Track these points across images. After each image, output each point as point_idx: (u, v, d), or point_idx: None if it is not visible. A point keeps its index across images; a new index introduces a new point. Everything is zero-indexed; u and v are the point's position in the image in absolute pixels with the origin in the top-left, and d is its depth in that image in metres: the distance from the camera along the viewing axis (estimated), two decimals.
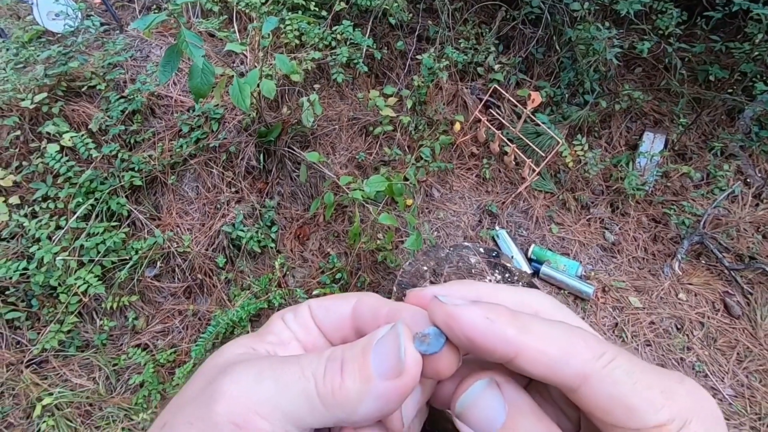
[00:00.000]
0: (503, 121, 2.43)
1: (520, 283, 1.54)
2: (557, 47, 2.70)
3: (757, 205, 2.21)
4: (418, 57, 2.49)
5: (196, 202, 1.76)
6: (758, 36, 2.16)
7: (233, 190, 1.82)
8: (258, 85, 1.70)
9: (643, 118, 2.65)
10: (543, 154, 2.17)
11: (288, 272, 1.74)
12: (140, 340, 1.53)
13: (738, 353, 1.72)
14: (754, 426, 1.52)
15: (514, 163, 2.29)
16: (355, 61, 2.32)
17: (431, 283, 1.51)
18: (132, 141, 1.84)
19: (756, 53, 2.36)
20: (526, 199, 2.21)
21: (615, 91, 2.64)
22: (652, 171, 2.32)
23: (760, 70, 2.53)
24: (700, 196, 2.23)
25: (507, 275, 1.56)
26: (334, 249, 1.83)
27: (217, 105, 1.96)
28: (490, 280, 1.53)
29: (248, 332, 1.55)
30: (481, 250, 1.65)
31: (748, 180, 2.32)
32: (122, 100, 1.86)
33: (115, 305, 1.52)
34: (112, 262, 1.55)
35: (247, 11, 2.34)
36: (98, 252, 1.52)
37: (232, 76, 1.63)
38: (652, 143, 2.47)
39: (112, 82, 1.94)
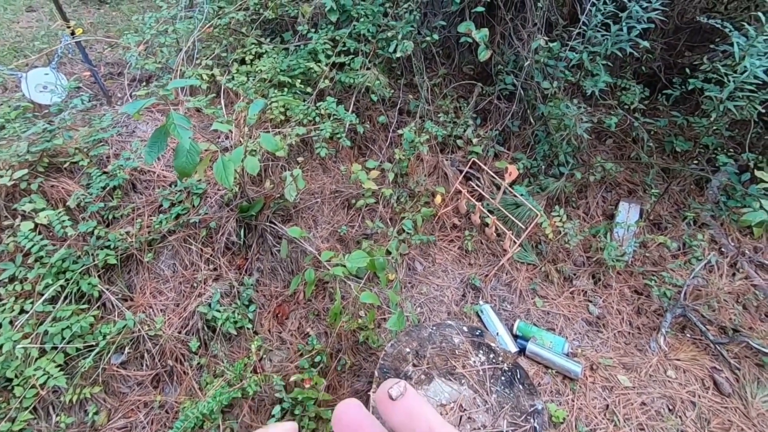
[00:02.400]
0: (483, 192, 2.62)
1: (505, 365, 1.59)
2: (531, 121, 3.02)
3: (734, 274, 2.38)
4: (400, 131, 2.74)
5: (171, 280, 1.81)
6: (713, 113, 2.48)
7: (211, 267, 1.88)
8: (242, 162, 1.85)
9: (618, 188, 2.90)
10: (523, 226, 2.34)
11: (265, 355, 1.76)
12: None
13: None
14: None
15: (495, 234, 2.44)
16: (339, 135, 2.53)
17: (414, 366, 1.55)
18: (110, 217, 1.92)
19: (714, 128, 2.68)
20: (508, 272, 2.33)
21: (588, 163, 2.91)
22: (630, 241, 2.49)
23: (721, 142, 2.86)
24: (678, 267, 2.39)
25: (492, 356, 1.62)
26: (314, 329, 1.87)
27: (200, 180, 2.09)
28: (474, 362, 1.58)
29: (219, 426, 1.52)
30: (465, 329, 1.72)
31: (723, 249, 2.51)
32: (104, 176, 1.97)
33: (75, 398, 1.49)
34: (77, 349, 1.55)
35: (234, 89, 2.58)
36: (63, 338, 1.52)
37: (217, 152, 1.78)
38: (627, 213, 2.68)
39: (95, 158, 2.07)
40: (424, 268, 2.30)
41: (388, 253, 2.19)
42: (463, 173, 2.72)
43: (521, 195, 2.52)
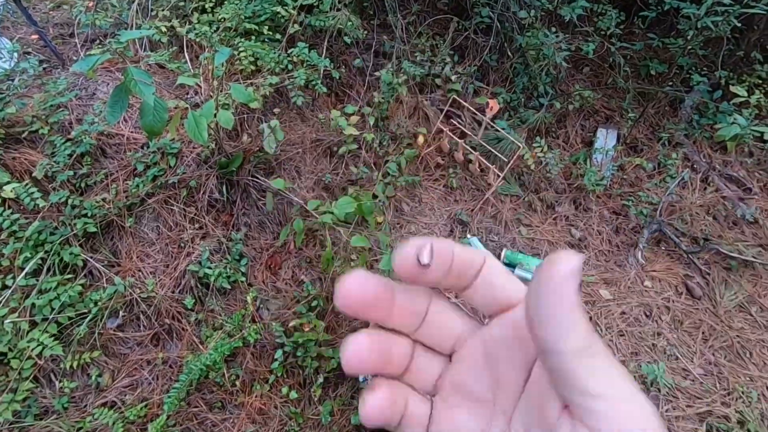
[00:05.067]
0: (465, 130, 2.45)
1: None
2: (509, 54, 2.77)
3: (705, 188, 2.32)
4: (377, 73, 2.49)
5: (157, 242, 1.66)
6: (689, 32, 2.29)
7: (197, 226, 1.73)
8: (215, 116, 1.64)
9: (595, 115, 2.75)
10: (505, 159, 2.20)
11: (261, 305, 1.67)
12: (106, 398, 1.41)
13: (703, 333, 1.78)
14: (724, 401, 1.57)
15: (479, 170, 2.31)
16: (314, 82, 2.28)
17: None
18: (83, 185, 1.72)
19: (689, 47, 2.50)
20: (494, 204, 2.23)
21: (567, 92, 2.73)
22: (608, 166, 2.39)
23: (695, 62, 2.68)
24: (654, 186, 2.32)
25: None
26: (308, 276, 1.77)
27: (173, 139, 1.87)
28: None
29: (224, 374, 1.46)
30: None
31: (695, 166, 2.44)
32: (69, 144, 1.74)
33: (75, 364, 1.40)
34: (69, 318, 1.43)
35: (197, 40, 2.27)
36: (52, 309, 1.40)
37: (187, 109, 1.56)
38: (605, 139, 2.56)
39: (56, 124, 1.82)
40: (411, 209, 2.18)
41: (375, 196, 2.05)
42: (444, 112, 2.53)
43: (503, 129, 2.36)
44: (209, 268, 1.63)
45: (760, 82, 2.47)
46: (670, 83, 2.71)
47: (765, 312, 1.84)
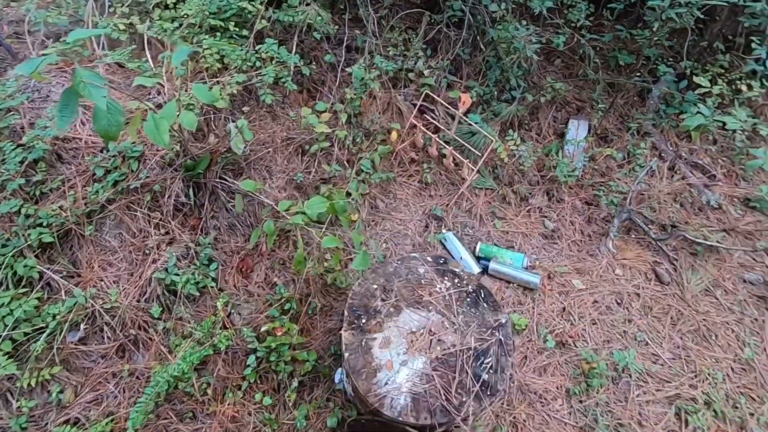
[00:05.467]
0: (438, 124, 2.42)
1: (469, 287, 1.51)
2: (482, 47, 2.74)
3: (672, 176, 2.35)
4: (348, 69, 2.42)
5: (120, 250, 1.58)
6: (655, 24, 2.30)
7: (162, 231, 1.65)
8: (177, 118, 1.55)
9: (567, 106, 2.75)
10: (479, 153, 2.18)
11: (233, 310, 1.61)
12: (69, 415, 1.34)
13: (671, 318, 1.81)
14: (692, 384, 1.60)
15: (453, 164, 2.28)
16: (284, 79, 2.20)
17: (382, 300, 1.45)
18: (37, 193, 1.62)
19: (655, 39, 2.52)
20: (468, 199, 2.21)
21: (539, 85, 2.72)
22: (580, 156, 2.40)
23: (661, 53, 2.71)
24: (624, 175, 2.34)
25: (456, 280, 1.54)
26: (281, 278, 1.72)
27: (135, 142, 1.78)
28: (440, 288, 1.49)
29: (194, 384, 1.40)
30: (429, 258, 1.61)
31: (663, 155, 2.47)
32: (20, 150, 1.63)
33: (33, 382, 1.32)
34: (25, 334, 1.35)
35: (159, 38, 2.16)
36: (5, 326, 1.31)
37: (147, 110, 1.47)
38: (577, 130, 2.56)
39: (6, 129, 1.70)
40: (386, 205, 2.14)
41: (348, 194, 2.00)
42: (417, 107, 2.49)
43: (476, 123, 2.33)
44: (176, 274, 1.56)
45: (723, 71, 2.51)
46: (638, 74, 2.73)
47: (729, 295, 1.88)
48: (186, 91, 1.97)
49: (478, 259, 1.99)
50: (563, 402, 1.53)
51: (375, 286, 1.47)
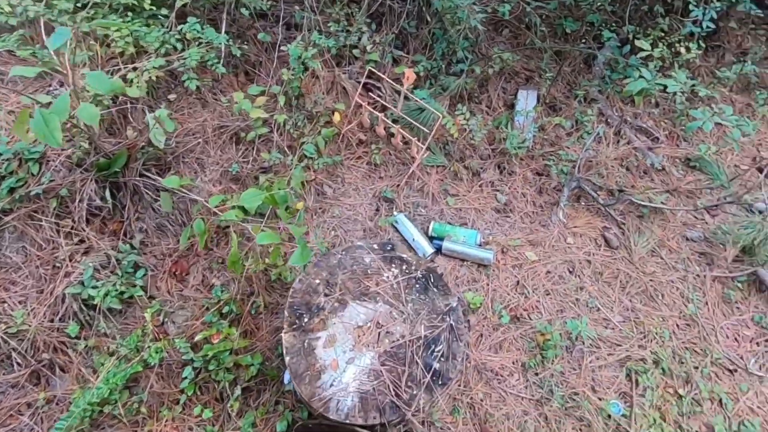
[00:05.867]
0: (385, 103, 2.28)
1: (418, 272, 1.43)
2: (428, 19, 2.59)
3: (618, 141, 2.35)
4: (284, 48, 2.22)
5: (25, 266, 1.37)
6: None
7: (75, 240, 1.45)
8: (73, 112, 1.33)
9: (516, 77, 2.68)
10: (427, 131, 2.07)
11: (167, 319, 1.45)
12: None
13: (620, 281, 1.81)
14: (641, 344, 1.61)
15: (402, 143, 2.16)
16: (211, 62, 1.98)
17: (326, 296, 1.33)
18: None
19: (598, 4, 2.46)
20: (419, 177, 2.11)
21: (487, 56, 2.61)
22: (530, 127, 2.34)
23: (605, 18, 2.66)
24: (572, 143, 2.30)
25: (404, 267, 1.45)
26: (220, 278, 1.57)
27: (34, 142, 1.54)
28: (388, 277, 1.40)
29: (122, 405, 1.25)
30: (375, 246, 1.51)
31: (609, 120, 2.45)
32: None
33: None
34: None
35: (57, 21, 1.86)
36: None
37: (37, 105, 1.25)
38: (526, 100, 2.50)
39: None
40: (333, 191, 2.01)
41: (290, 183, 1.85)
42: (362, 84, 2.33)
43: (423, 99, 2.21)
44: (94, 287, 1.38)
45: (663, 35, 2.49)
46: (584, 41, 2.68)
47: (673, 254, 1.91)
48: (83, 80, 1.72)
49: (431, 239, 1.91)
50: (519, 376, 1.50)
51: (317, 281, 1.36)
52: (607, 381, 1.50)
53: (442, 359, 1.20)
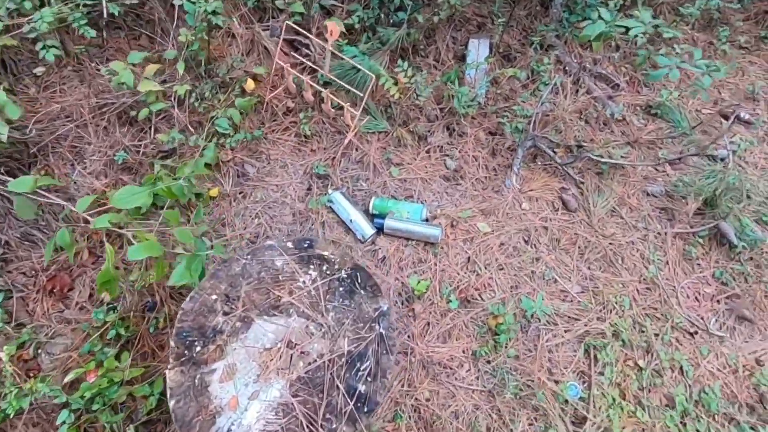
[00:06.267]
0: (313, 64, 1.92)
1: (342, 271, 1.18)
2: None
3: (577, 91, 2.11)
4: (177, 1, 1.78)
5: None
6: None
7: None
8: None
9: (467, 24, 2.33)
10: (360, 94, 1.75)
11: (40, 350, 1.17)
12: None
13: (579, 247, 1.64)
14: (600, 317, 1.47)
15: (334, 110, 1.84)
16: (76, 23, 1.55)
17: (225, 315, 1.07)
18: None
19: None
20: (358, 147, 1.82)
21: (433, 1, 2.24)
22: (482, 81, 2.06)
23: None
24: (528, 97, 2.05)
25: (325, 267, 1.19)
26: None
27: None
28: (304, 282, 1.14)
29: None
30: (289, 245, 1.24)
31: (567, 68, 2.19)
32: None
33: None
34: None
35: None
36: None
37: None
38: (477, 50, 2.18)
39: None
40: (257, 170, 1.70)
41: (208, 166, 1.52)
42: (285, 42, 1.95)
43: (354, 57, 1.86)
44: None
45: None
46: None
47: (634, 212, 1.74)
48: None
49: (372, 217, 1.66)
50: (470, 366, 1.33)
51: (214, 297, 1.09)
52: (564, 361, 1.36)
53: (368, 379, 0.99)
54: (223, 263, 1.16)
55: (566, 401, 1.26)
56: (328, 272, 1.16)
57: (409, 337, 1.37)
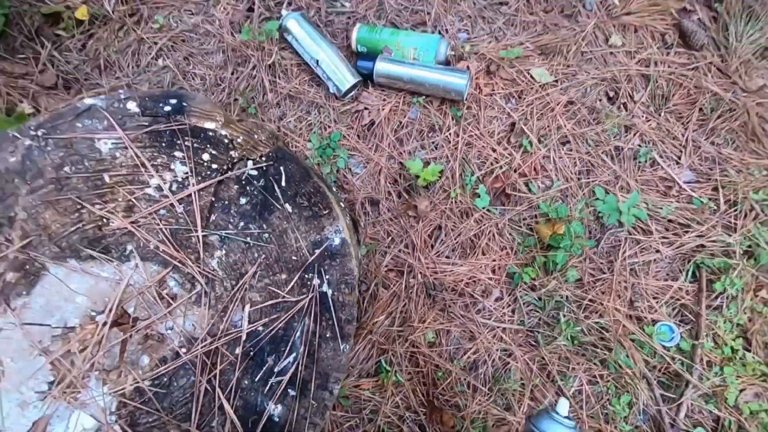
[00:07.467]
0: None
1: (248, 163, 0.55)
2: None
3: None
4: None
5: None
6: None
7: None
8: None
9: None
10: None
11: None
12: None
13: (701, 109, 0.95)
14: (725, 223, 0.87)
15: None
16: None
17: None
18: None
19: None
20: None
21: None
22: None
23: None
24: None
25: (208, 154, 0.56)
26: None
27: None
28: (160, 186, 0.53)
29: None
30: (133, 108, 0.57)
31: None
32: None
33: None
34: None
35: None
36: None
37: None
38: None
39: None
40: None
41: None
42: None
43: None
44: None
45: None
46: None
47: None
48: None
49: (355, 57, 0.95)
50: (502, 295, 0.82)
51: None
52: (656, 290, 0.82)
53: (290, 393, 0.45)
54: None
55: (655, 351, 0.77)
56: (212, 166, 0.53)
57: (406, 247, 0.83)
